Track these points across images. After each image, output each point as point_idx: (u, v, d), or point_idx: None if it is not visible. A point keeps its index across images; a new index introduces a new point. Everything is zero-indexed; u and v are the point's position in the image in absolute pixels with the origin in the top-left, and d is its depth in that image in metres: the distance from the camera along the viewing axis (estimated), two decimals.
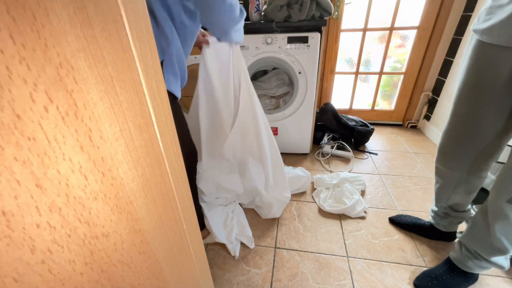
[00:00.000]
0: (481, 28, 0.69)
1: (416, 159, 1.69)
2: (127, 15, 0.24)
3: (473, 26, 0.73)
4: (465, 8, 1.63)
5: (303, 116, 1.62)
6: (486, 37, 0.68)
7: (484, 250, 0.80)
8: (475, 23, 0.73)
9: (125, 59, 0.25)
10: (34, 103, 0.17)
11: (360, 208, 1.23)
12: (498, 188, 0.73)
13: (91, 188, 0.22)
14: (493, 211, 0.74)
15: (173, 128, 0.36)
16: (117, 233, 0.26)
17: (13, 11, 0.15)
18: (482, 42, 0.70)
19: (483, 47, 0.69)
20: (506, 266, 0.80)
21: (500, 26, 0.64)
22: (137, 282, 0.30)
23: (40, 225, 0.18)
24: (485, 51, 0.69)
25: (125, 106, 0.25)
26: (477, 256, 0.82)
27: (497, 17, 0.64)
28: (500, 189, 0.72)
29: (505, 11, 0.62)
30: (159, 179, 0.32)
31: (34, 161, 0.17)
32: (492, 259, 0.79)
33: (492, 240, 0.76)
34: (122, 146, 0.25)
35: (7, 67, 0.15)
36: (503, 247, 0.75)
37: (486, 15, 0.69)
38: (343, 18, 1.86)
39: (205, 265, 0.54)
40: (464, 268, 0.87)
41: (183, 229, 0.40)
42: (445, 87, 1.80)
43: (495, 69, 0.68)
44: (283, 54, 1.45)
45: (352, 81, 2.09)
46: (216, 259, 1.05)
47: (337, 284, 0.94)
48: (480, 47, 0.71)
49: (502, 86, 0.68)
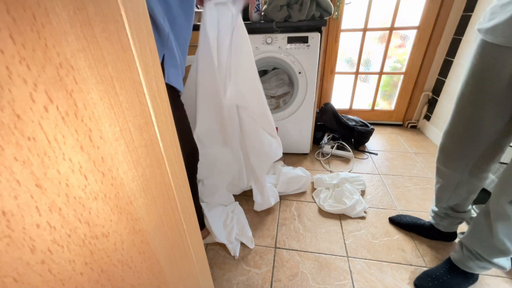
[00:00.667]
0: (485, 28, 0.69)
1: (416, 159, 1.69)
2: (127, 15, 0.24)
3: (478, 25, 0.73)
4: (465, 8, 1.63)
5: (303, 116, 1.62)
6: (490, 37, 0.67)
7: (486, 251, 0.79)
8: (480, 22, 0.72)
9: (125, 59, 0.25)
10: (34, 103, 0.17)
11: (360, 208, 1.23)
12: (500, 189, 0.72)
13: (91, 188, 0.22)
14: (495, 212, 0.74)
15: (173, 128, 0.36)
16: (117, 233, 0.26)
17: (13, 11, 0.15)
18: (486, 41, 0.69)
19: (487, 46, 0.69)
20: (507, 266, 0.80)
21: (503, 26, 0.63)
22: (137, 282, 0.30)
23: (40, 225, 0.18)
24: (488, 50, 0.69)
25: (125, 106, 0.25)
26: (478, 257, 0.82)
27: (500, 17, 0.64)
28: (502, 190, 0.71)
29: (507, 11, 0.62)
30: (159, 179, 0.32)
31: (34, 161, 0.17)
32: (494, 260, 0.79)
33: (494, 242, 0.76)
34: (122, 146, 0.25)
35: (7, 67, 0.15)
36: (506, 248, 0.75)
37: (490, 14, 0.68)
38: (343, 18, 1.86)
39: (205, 265, 0.54)
40: (464, 268, 0.87)
41: (183, 229, 0.40)
42: (445, 87, 1.80)
43: (498, 69, 0.68)
44: (283, 54, 1.45)
45: (352, 81, 2.09)
46: (216, 259, 1.05)
47: (337, 284, 0.94)
48: (484, 47, 0.70)
49: (504, 86, 0.68)
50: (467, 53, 1.60)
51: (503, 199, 0.71)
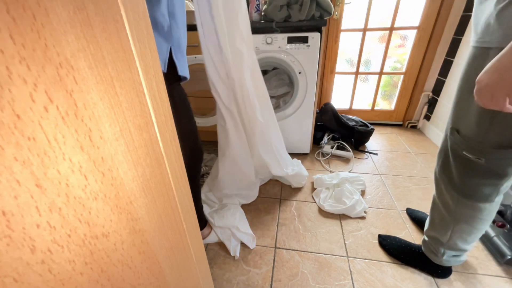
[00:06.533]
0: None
1: (416, 159, 1.69)
2: (127, 15, 0.24)
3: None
4: (465, 8, 1.63)
5: (303, 116, 1.62)
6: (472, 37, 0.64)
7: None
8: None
9: (125, 59, 0.25)
10: (34, 103, 0.17)
11: (360, 208, 1.23)
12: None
13: (91, 188, 0.22)
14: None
15: (173, 128, 0.36)
16: (117, 233, 0.26)
17: (13, 11, 0.15)
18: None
19: (472, 48, 0.66)
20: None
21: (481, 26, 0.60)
22: (137, 282, 0.30)
23: (40, 225, 0.18)
24: (473, 52, 0.65)
25: (125, 106, 0.25)
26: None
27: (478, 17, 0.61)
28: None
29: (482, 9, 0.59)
30: (159, 179, 0.32)
31: (34, 161, 0.17)
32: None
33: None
34: (122, 146, 0.25)
35: (7, 67, 0.15)
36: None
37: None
38: (343, 18, 1.86)
39: (205, 265, 0.54)
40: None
41: (183, 229, 0.40)
42: (445, 87, 1.80)
43: (478, 73, 0.62)
44: (283, 54, 1.45)
45: (352, 81, 2.09)
46: (216, 259, 1.05)
47: (337, 284, 0.94)
48: (471, 49, 0.66)
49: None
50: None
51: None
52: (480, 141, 0.64)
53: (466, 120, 0.67)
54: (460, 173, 0.72)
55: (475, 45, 0.62)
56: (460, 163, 0.72)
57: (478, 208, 0.73)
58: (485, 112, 0.61)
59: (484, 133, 0.63)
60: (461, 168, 0.72)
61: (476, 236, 0.80)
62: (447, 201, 0.79)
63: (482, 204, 0.72)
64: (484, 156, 0.65)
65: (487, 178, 0.68)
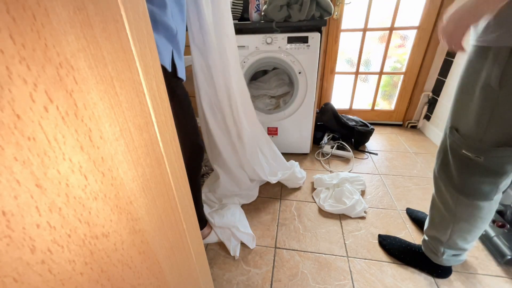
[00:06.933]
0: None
1: (416, 159, 1.69)
2: (127, 15, 0.24)
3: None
4: None
5: (303, 116, 1.62)
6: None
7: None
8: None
9: (125, 59, 0.25)
10: (34, 103, 0.17)
11: (360, 208, 1.23)
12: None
13: (91, 188, 0.22)
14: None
15: (173, 128, 0.36)
16: (117, 233, 0.26)
17: (13, 11, 0.15)
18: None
19: (472, 47, 0.66)
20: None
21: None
22: (137, 282, 0.30)
23: (40, 225, 0.18)
24: (472, 51, 0.65)
25: (125, 106, 0.25)
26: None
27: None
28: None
29: None
30: (159, 179, 0.32)
31: (34, 161, 0.17)
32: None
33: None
34: (122, 146, 0.25)
35: (7, 67, 0.15)
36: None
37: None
38: (343, 18, 1.86)
39: (205, 265, 0.54)
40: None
41: (183, 229, 0.40)
42: (445, 87, 1.80)
43: (477, 72, 0.63)
44: (283, 54, 1.45)
45: (352, 81, 2.09)
46: (216, 259, 1.05)
47: (337, 284, 0.94)
48: (471, 48, 0.66)
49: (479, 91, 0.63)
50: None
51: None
52: (479, 139, 0.64)
53: (465, 119, 0.67)
54: (459, 171, 0.72)
55: (475, 44, 0.63)
56: (459, 162, 0.72)
57: (478, 207, 0.73)
58: (484, 110, 0.61)
59: (483, 132, 0.63)
60: (460, 166, 0.72)
61: (476, 235, 0.80)
62: (446, 200, 0.79)
63: (481, 202, 0.73)
64: (483, 155, 0.65)
65: (486, 177, 0.68)
